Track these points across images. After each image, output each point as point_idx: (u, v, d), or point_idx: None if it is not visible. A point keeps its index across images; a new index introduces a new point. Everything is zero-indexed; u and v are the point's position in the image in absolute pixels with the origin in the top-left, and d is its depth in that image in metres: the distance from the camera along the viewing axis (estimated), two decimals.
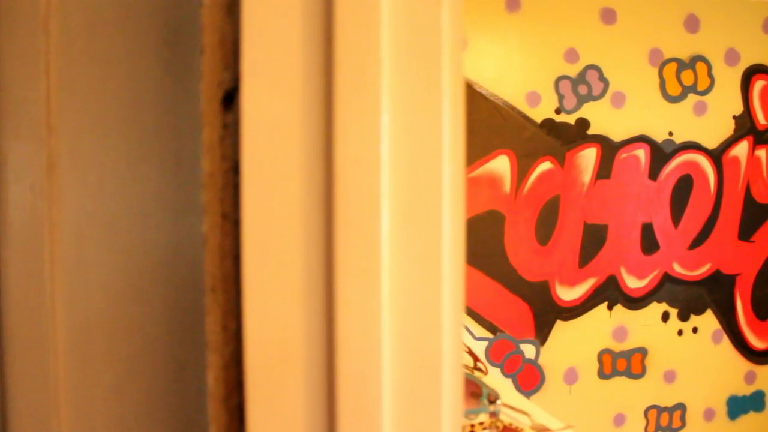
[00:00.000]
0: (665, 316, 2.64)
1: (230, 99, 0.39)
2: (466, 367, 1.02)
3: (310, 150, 0.37)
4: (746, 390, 2.74)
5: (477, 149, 2.38)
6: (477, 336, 2.42)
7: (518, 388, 2.48)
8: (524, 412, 0.81)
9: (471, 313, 2.41)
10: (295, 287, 0.37)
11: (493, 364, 2.44)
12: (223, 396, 0.40)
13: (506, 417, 0.83)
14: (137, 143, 0.45)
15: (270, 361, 0.37)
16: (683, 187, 2.62)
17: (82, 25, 0.46)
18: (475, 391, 0.79)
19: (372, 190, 0.37)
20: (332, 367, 0.38)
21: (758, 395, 2.75)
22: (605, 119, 2.52)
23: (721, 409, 2.72)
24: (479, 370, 1.01)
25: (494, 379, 1.01)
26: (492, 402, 0.74)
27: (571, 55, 2.48)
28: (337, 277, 0.37)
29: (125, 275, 0.45)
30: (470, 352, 1.06)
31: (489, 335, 2.44)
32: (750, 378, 2.74)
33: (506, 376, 2.47)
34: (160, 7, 0.45)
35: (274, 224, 0.37)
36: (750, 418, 2.75)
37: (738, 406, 2.74)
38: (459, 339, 0.40)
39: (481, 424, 0.71)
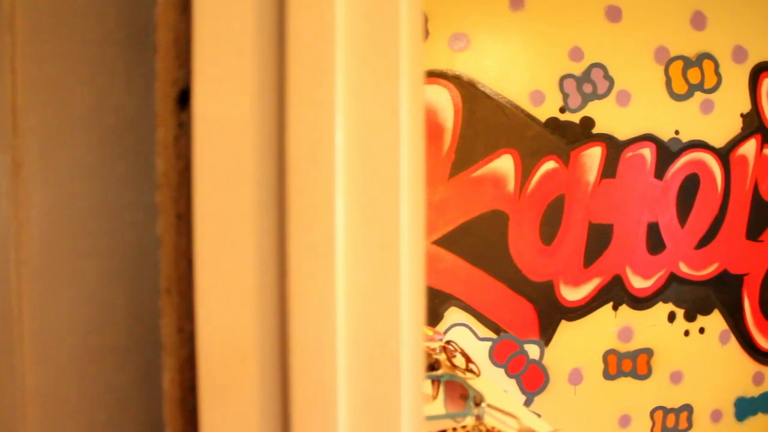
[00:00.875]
0: (671, 317, 2.62)
1: (185, 98, 0.38)
2: (458, 368, 1.01)
3: (263, 149, 0.36)
4: (754, 391, 2.71)
5: (480, 148, 2.37)
6: (481, 336, 2.41)
7: (522, 389, 2.47)
8: (512, 415, 0.80)
9: (475, 313, 2.40)
10: (248, 288, 0.37)
11: (497, 365, 2.43)
12: (179, 398, 0.39)
13: (493, 420, 0.82)
14: (101, 143, 0.44)
15: (223, 363, 0.37)
16: (690, 187, 2.60)
17: (48, 24, 0.46)
18: (464, 393, 0.78)
19: (326, 190, 0.36)
20: (286, 369, 0.37)
21: (766, 396, 2.72)
22: (610, 118, 2.50)
23: (729, 411, 2.70)
24: (471, 371, 1.00)
25: (493, 380, 1.01)
26: (477, 405, 0.73)
27: (576, 54, 2.46)
28: (291, 277, 0.36)
29: (96, 277, 0.44)
30: (462, 353, 1.05)
31: (493, 336, 2.42)
32: (758, 379, 2.71)
33: (510, 376, 2.45)
34: (126, 6, 0.45)
35: (226, 224, 0.36)
36: (758, 420, 2.72)
37: (746, 408, 2.71)
38: (419, 339, 0.39)
39: (464, 427, 0.70)
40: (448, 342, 1.11)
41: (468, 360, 1.03)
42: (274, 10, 0.36)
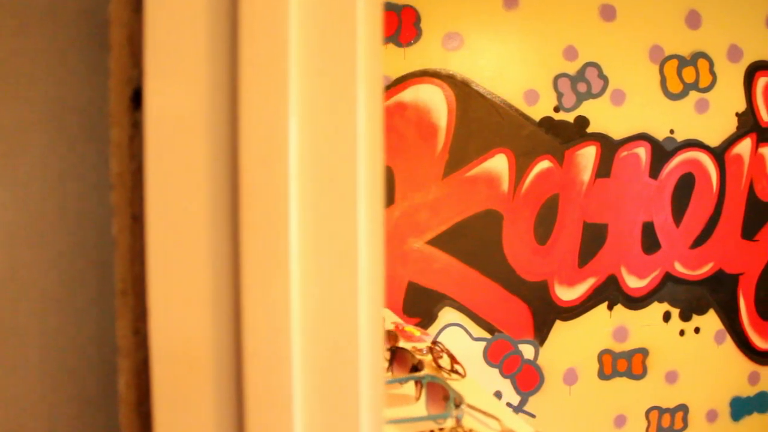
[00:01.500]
0: (666, 316, 2.61)
1: (140, 97, 0.38)
2: (443, 369, 1.01)
3: (216, 151, 0.36)
4: (750, 391, 2.71)
5: (474, 148, 2.36)
6: (475, 336, 2.40)
7: (517, 389, 2.46)
8: (494, 417, 0.80)
9: (469, 313, 2.39)
10: (201, 291, 0.36)
11: (491, 365, 2.43)
12: (135, 402, 0.39)
13: (475, 421, 0.81)
14: (60, 143, 0.44)
15: (176, 366, 0.36)
16: (685, 186, 2.59)
17: (10, 24, 0.45)
18: (446, 395, 0.77)
19: (280, 192, 0.36)
20: (241, 373, 0.36)
21: (762, 396, 2.71)
22: (605, 117, 2.50)
23: (724, 411, 2.69)
24: (456, 372, 1.00)
25: (478, 381, 1.00)
26: (457, 406, 0.72)
27: (570, 53, 2.46)
28: (245, 280, 0.36)
29: (55, 278, 0.44)
30: (449, 354, 1.04)
31: (487, 336, 2.42)
32: (754, 379, 2.70)
33: (505, 376, 2.45)
34: (86, 3, 0.44)
35: (179, 226, 0.36)
36: (754, 420, 2.72)
37: (741, 408, 2.70)
38: (377, 342, 0.39)
39: (441, 429, 0.69)
40: (434, 342, 1.11)
41: (454, 361, 1.02)
42: (227, 9, 0.36)
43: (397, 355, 0.96)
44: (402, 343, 1.19)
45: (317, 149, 0.37)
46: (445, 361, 1.03)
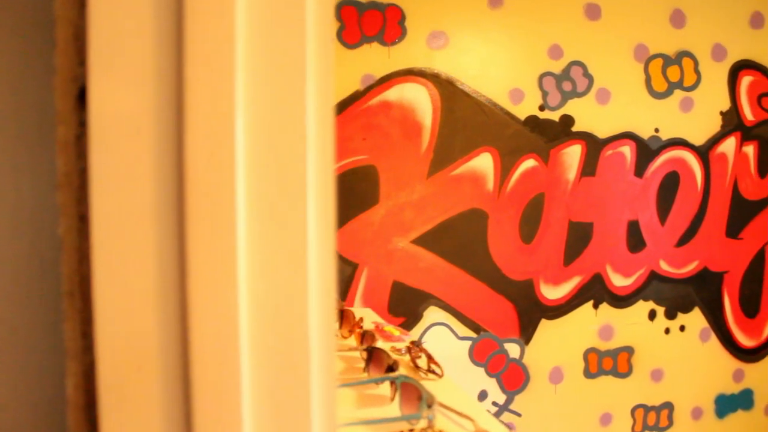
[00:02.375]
0: (652, 315, 2.62)
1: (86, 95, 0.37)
2: (421, 369, 1.00)
3: (161, 150, 0.35)
4: (734, 388, 2.72)
5: (459, 147, 2.36)
6: (460, 336, 2.40)
7: (503, 388, 2.46)
8: (468, 417, 0.80)
9: (454, 312, 2.39)
10: (147, 293, 0.36)
11: (477, 364, 2.43)
12: (84, 405, 0.38)
13: (448, 421, 0.81)
14: (9, 141, 0.43)
15: (124, 368, 0.36)
16: (670, 184, 2.60)
17: None
18: (420, 395, 0.77)
19: (226, 189, 0.35)
20: (188, 376, 0.36)
21: (746, 393, 2.73)
22: (590, 116, 2.50)
23: (709, 408, 2.70)
24: (433, 372, 0.99)
25: (455, 381, 0.99)
26: (429, 407, 0.72)
27: (555, 51, 2.46)
28: (191, 280, 0.35)
29: (11, 279, 0.43)
30: (427, 354, 1.04)
31: (473, 335, 2.42)
32: (738, 376, 2.72)
33: (490, 375, 2.45)
34: (42, 4, 0.43)
35: (124, 226, 0.35)
36: (738, 417, 2.73)
37: (726, 405, 2.71)
38: (329, 343, 0.38)
39: (411, 431, 0.69)
40: (413, 342, 1.10)
41: (431, 361, 1.02)
42: (172, 6, 0.35)
43: (373, 356, 0.95)
44: (381, 343, 1.18)
45: (265, 147, 0.36)
46: (423, 362, 1.02)
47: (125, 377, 0.36)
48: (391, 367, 0.90)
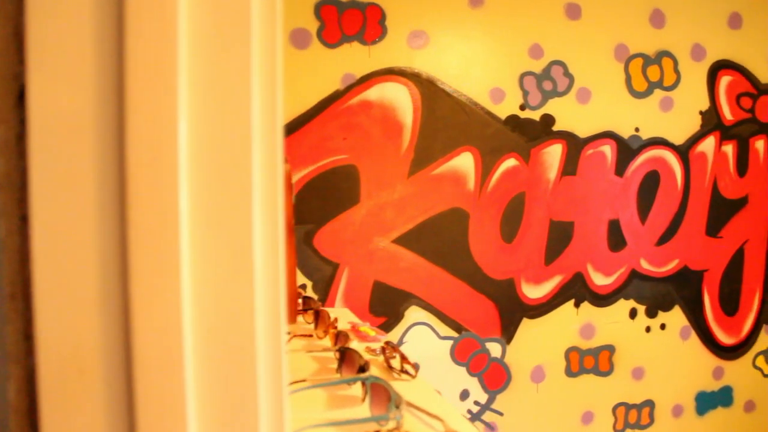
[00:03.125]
0: (633, 313, 2.63)
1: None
2: (394, 370, 1.00)
3: (103, 150, 0.35)
4: (714, 386, 2.74)
5: (440, 146, 2.36)
6: (442, 335, 2.40)
7: (484, 387, 2.46)
8: (438, 418, 0.79)
9: (435, 312, 2.39)
10: (89, 293, 0.35)
11: (458, 364, 2.43)
12: (26, 410, 0.37)
13: (419, 422, 0.81)
14: None
15: (64, 372, 0.35)
16: (650, 183, 2.61)
17: None
18: (390, 396, 0.77)
19: (169, 190, 0.35)
20: (131, 377, 0.35)
21: (726, 390, 2.75)
22: (571, 115, 2.51)
23: (690, 405, 2.72)
24: (406, 372, 0.99)
25: (427, 381, 0.99)
26: (397, 407, 0.72)
27: (536, 51, 2.46)
28: (134, 281, 0.35)
29: None
30: (401, 354, 1.03)
31: (454, 334, 2.42)
32: (718, 374, 2.74)
33: (472, 375, 2.45)
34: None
35: (65, 227, 0.35)
36: (718, 414, 2.75)
37: (706, 402, 2.73)
38: (278, 343, 0.38)
39: (378, 431, 0.69)
40: (387, 343, 1.10)
41: (405, 361, 1.02)
42: (113, 3, 0.34)
43: (346, 356, 0.95)
44: (356, 344, 1.18)
45: (209, 148, 0.36)
46: (396, 362, 1.02)
47: (67, 381, 0.35)
48: (363, 368, 0.89)
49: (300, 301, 1.38)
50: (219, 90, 0.36)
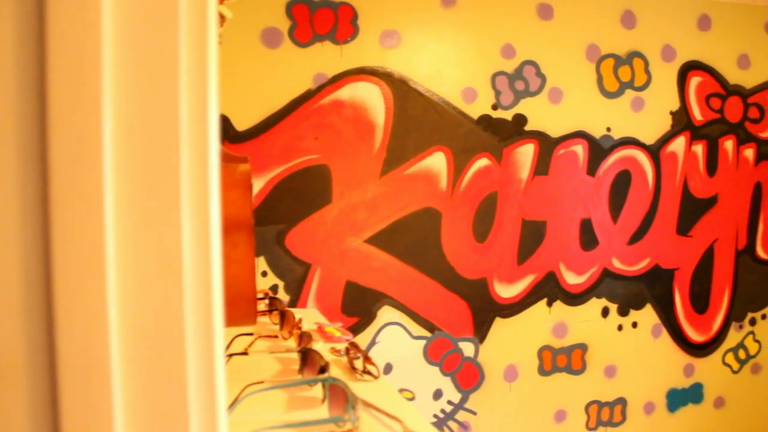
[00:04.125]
0: (605, 312, 2.65)
1: None
2: (357, 371, 0.99)
3: (24, 149, 0.34)
4: (685, 383, 2.77)
5: (412, 146, 2.36)
6: (415, 335, 2.40)
7: (458, 387, 2.47)
8: (396, 419, 0.79)
9: (408, 311, 2.39)
10: (11, 298, 0.34)
11: (431, 363, 2.43)
12: None
13: (377, 423, 0.80)
14: None
15: None
16: (622, 183, 2.63)
17: None
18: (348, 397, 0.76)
19: (93, 190, 0.34)
20: (56, 381, 0.34)
21: (696, 387, 2.78)
22: (543, 115, 2.52)
23: (661, 403, 2.74)
24: (369, 373, 0.98)
25: (390, 382, 0.98)
26: (353, 408, 0.71)
27: (508, 51, 2.47)
28: (57, 284, 0.34)
29: None
30: (364, 355, 1.03)
31: (427, 334, 2.42)
32: (689, 371, 2.76)
33: (445, 374, 2.45)
34: None
35: None
36: (689, 410, 2.78)
37: (677, 399, 2.76)
38: (211, 345, 0.37)
39: None
40: (351, 343, 1.09)
41: (368, 362, 1.01)
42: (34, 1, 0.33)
43: (307, 357, 0.94)
44: (321, 344, 1.17)
45: (135, 148, 0.35)
46: (360, 363, 1.01)
47: None
48: (324, 369, 0.89)
49: (266, 301, 1.37)
50: (146, 87, 0.35)
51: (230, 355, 1.00)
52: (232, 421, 0.80)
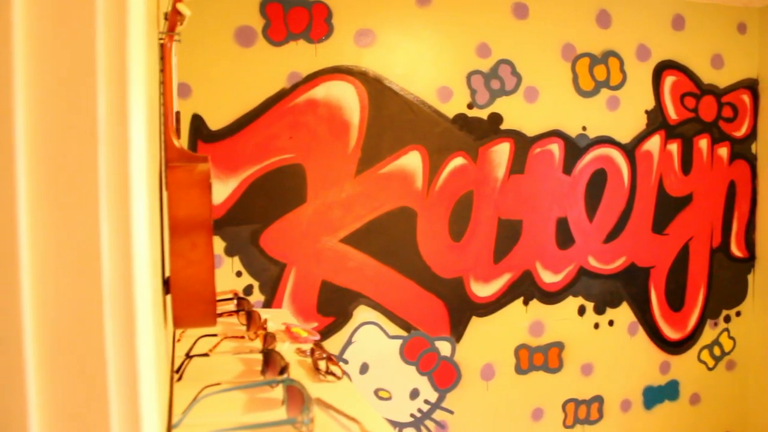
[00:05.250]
0: (581, 310, 2.66)
1: None
2: (320, 372, 0.99)
3: None
4: (661, 380, 2.78)
5: (388, 145, 2.35)
6: (391, 334, 2.40)
7: (434, 386, 2.46)
8: (355, 420, 0.78)
9: (384, 311, 2.38)
10: None
11: (408, 363, 2.42)
12: None
13: (335, 424, 0.79)
14: None
15: None
16: (598, 182, 2.64)
17: None
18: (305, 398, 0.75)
19: (6, 189, 0.33)
20: None
21: (672, 384, 2.80)
22: (518, 114, 2.52)
23: (638, 400, 2.76)
24: (332, 374, 0.98)
25: (353, 384, 0.97)
26: (308, 410, 0.70)
27: (483, 50, 2.47)
28: None
29: None
30: (328, 355, 1.02)
31: (403, 333, 2.41)
32: (665, 368, 2.78)
33: (422, 374, 2.45)
34: None
35: None
36: (665, 407, 2.79)
37: (654, 396, 2.78)
38: (131, 346, 0.36)
39: None
40: (316, 344, 1.08)
41: (332, 362, 1.00)
42: None
43: (269, 358, 0.93)
44: (287, 345, 1.16)
45: (51, 149, 0.34)
46: (323, 364, 1.01)
47: None
48: (283, 370, 0.88)
49: (234, 302, 1.35)
50: (62, 85, 0.34)
51: (190, 357, 0.99)
52: (187, 423, 0.79)
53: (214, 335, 1.15)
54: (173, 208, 0.83)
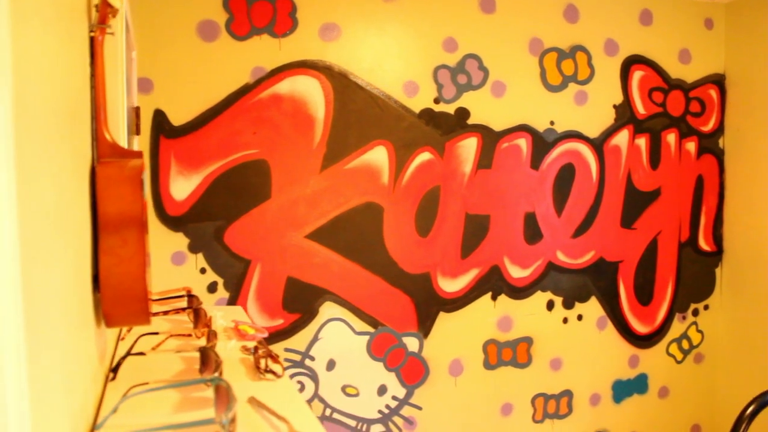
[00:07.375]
0: (550, 305, 2.66)
1: None
2: (260, 370, 0.97)
3: None
4: (630, 374, 2.79)
5: (353, 140, 2.34)
6: (358, 331, 2.38)
7: (402, 382, 2.46)
8: (284, 419, 0.77)
9: (351, 307, 2.37)
10: None
11: (375, 359, 2.41)
12: None
13: (265, 423, 0.78)
14: None
15: None
16: (566, 176, 2.64)
17: None
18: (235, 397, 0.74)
19: None
20: None
21: (641, 378, 2.81)
22: (486, 108, 2.51)
23: (607, 394, 2.77)
24: (272, 372, 0.96)
25: (290, 382, 0.96)
26: (231, 409, 0.69)
27: (450, 44, 2.46)
28: None
29: None
30: (270, 354, 1.00)
31: (370, 329, 2.40)
32: (633, 362, 2.79)
33: (389, 370, 2.44)
34: None
35: None
36: (634, 401, 2.81)
37: (623, 390, 2.79)
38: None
39: None
40: (260, 342, 1.07)
41: (273, 360, 0.99)
42: None
43: (205, 356, 0.92)
44: (235, 342, 1.15)
45: None
46: (264, 362, 0.99)
47: None
48: (217, 368, 0.86)
49: (185, 299, 1.34)
50: None
51: (125, 356, 0.97)
52: (112, 424, 0.78)
53: (156, 333, 1.14)
54: (102, 205, 0.81)
